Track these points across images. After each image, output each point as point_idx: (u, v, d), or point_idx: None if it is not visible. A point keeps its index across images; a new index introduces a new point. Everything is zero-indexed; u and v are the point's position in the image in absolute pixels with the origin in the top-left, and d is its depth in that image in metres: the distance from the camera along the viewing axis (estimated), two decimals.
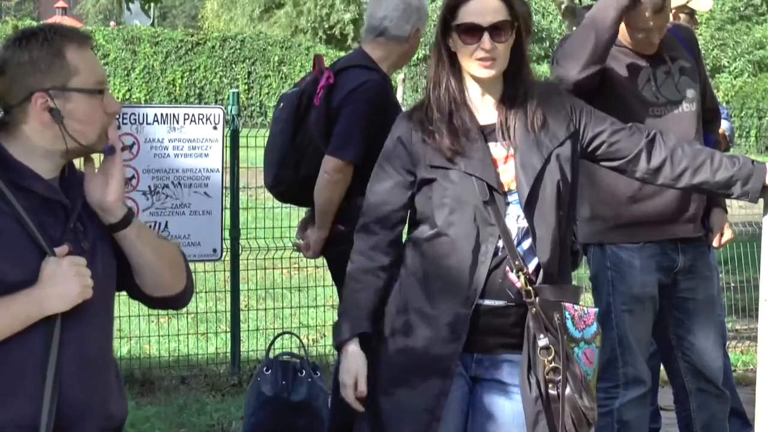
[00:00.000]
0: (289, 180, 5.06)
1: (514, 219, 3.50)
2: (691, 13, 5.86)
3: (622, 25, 4.49)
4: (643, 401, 4.68)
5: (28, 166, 2.83)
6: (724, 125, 6.33)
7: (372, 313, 3.56)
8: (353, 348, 3.54)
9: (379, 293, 3.57)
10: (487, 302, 3.48)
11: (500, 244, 3.47)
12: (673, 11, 5.81)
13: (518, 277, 3.46)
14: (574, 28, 4.74)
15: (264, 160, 5.24)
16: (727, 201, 4.63)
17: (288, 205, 6.95)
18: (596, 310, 3.58)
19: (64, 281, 2.76)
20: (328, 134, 4.98)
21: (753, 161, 3.71)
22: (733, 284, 8.93)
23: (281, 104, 5.15)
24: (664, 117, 4.56)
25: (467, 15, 3.49)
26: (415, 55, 5.42)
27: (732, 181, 3.66)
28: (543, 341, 3.44)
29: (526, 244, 3.50)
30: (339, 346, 3.57)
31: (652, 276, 4.60)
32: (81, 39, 2.88)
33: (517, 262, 3.46)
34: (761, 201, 3.72)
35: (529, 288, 3.46)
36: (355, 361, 3.53)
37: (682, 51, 4.71)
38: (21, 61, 2.83)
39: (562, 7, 10.07)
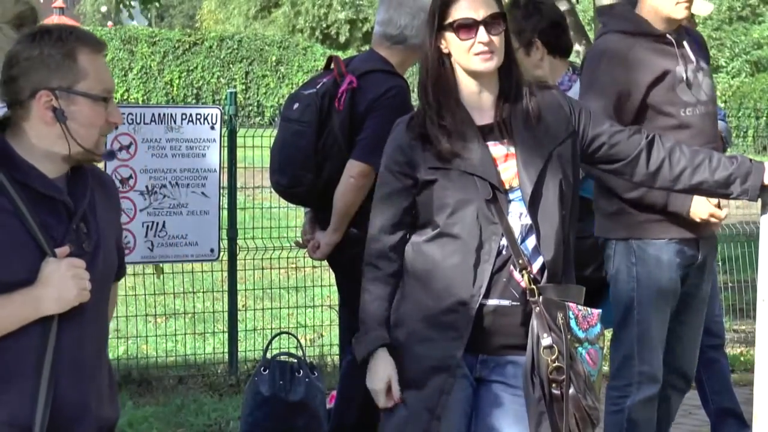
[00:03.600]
0: (309, 182, 5.02)
1: (517, 217, 3.50)
2: (689, 16, 5.86)
3: (652, 7, 4.55)
4: (652, 400, 4.66)
5: (33, 164, 2.82)
6: (721, 126, 6.34)
7: (388, 321, 3.59)
8: (380, 356, 3.56)
9: (391, 299, 3.60)
10: (492, 302, 3.49)
11: (504, 242, 3.47)
12: None
13: (522, 276, 3.47)
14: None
15: (274, 160, 5.16)
16: (723, 201, 4.62)
17: (285, 205, 6.95)
18: (599, 311, 3.58)
19: (61, 283, 2.75)
20: (351, 138, 4.97)
21: (751, 160, 3.71)
22: (731, 284, 8.92)
23: (296, 104, 5.09)
24: (697, 116, 4.58)
25: (460, 11, 3.50)
26: None
27: (731, 180, 3.66)
28: (546, 341, 3.44)
29: (530, 242, 3.50)
30: (364, 360, 3.58)
31: (676, 272, 4.59)
32: (95, 45, 2.88)
33: (521, 261, 3.46)
34: (759, 201, 3.71)
35: (533, 287, 3.46)
36: (384, 368, 3.55)
37: (699, 53, 4.72)
38: (31, 56, 2.82)
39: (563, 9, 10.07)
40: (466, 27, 3.50)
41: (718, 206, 4.52)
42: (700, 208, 4.51)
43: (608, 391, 4.69)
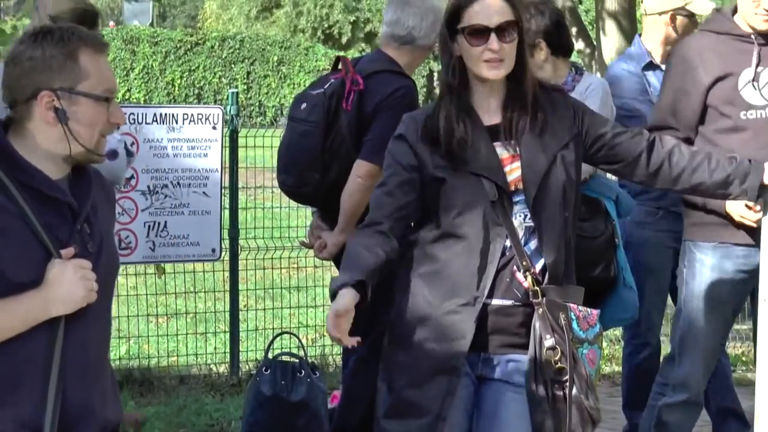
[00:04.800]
0: (316, 182, 5.03)
1: (521, 219, 3.52)
2: (690, 15, 5.85)
3: (740, 10, 4.50)
4: (686, 407, 4.56)
5: (36, 165, 2.82)
6: None
7: (369, 267, 3.42)
8: (344, 291, 3.38)
9: (378, 256, 3.44)
10: (495, 302, 3.51)
11: (507, 243, 3.49)
12: (670, 13, 5.80)
13: (525, 277, 3.48)
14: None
15: (281, 159, 5.16)
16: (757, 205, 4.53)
17: (287, 205, 6.95)
18: (598, 311, 3.59)
19: (68, 284, 2.75)
20: (359, 139, 4.98)
21: (750, 160, 3.72)
22: None
23: (303, 105, 5.09)
24: (764, 119, 4.47)
25: (473, 17, 3.50)
26: None
27: (729, 180, 3.67)
28: (549, 341, 3.46)
29: (533, 244, 3.52)
30: (333, 293, 3.40)
31: (725, 276, 4.48)
32: (97, 45, 2.87)
33: (524, 262, 3.48)
34: (759, 201, 3.71)
35: (536, 288, 3.48)
36: (341, 300, 3.36)
37: None
38: (33, 56, 2.81)
39: (565, 9, 10.07)
40: (478, 33, 3.50)
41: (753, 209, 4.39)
42: (734, 206, 4.41)
43: (654, 384, 4.65)
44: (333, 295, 3.44)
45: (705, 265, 4.50)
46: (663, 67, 5.82)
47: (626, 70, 5.79)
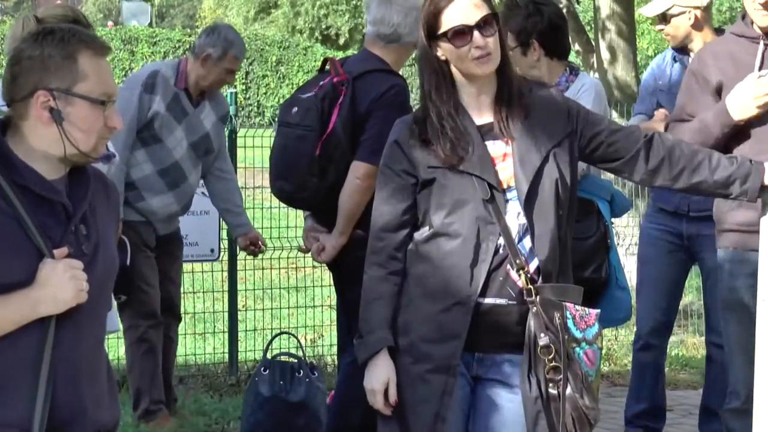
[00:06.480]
0: (314, 186, 5.02)
1: (514, 216, 3.51)
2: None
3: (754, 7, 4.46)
4: (742, 415, 4.37)
5: (31, 165, 2.82)
6: (638, 119, 6.45)
7: (391, 322, 3.57)
8: (380, 357, 3.55)
9: (394, 299, 3.58)
10: (488, 301, 3.49)
11: (501, 242, 3.49)
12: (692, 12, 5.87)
13: (519, 275, 3.47)
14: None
15: (276, 166, 5.16)
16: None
17: (285, 205, 6.94)
18: (597, 311, 3.57)
19: (58, 284, 2.74)
20: (354, 140, 4.98)
21: (751, 160, 3.70)
22: None
23: (294, 109, 5.09)
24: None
25: (452, 19, 3.50)
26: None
27: (730, 180, 3.65)
28: (543, 340, 3.45)
29: (528, 242, 3.51)
30: (365, 362, 3.57)
31: (742, 281, 4.41)
32: (98, 47, 2.86)
33: (518, 261, 3.47)
34: (759, 201, 3.70)
35: (530, 287, 3.47)
36: (384, 370, 3.54)
37: None
38: (32, 55, 2.81)
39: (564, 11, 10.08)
40: (460, 34, 3.50)
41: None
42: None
43: None
44: (363, 363, 3.57)
45: (723, 271, 4.50)
46: (682, 59, 5.96)
47: (656, 61, 6.11)
